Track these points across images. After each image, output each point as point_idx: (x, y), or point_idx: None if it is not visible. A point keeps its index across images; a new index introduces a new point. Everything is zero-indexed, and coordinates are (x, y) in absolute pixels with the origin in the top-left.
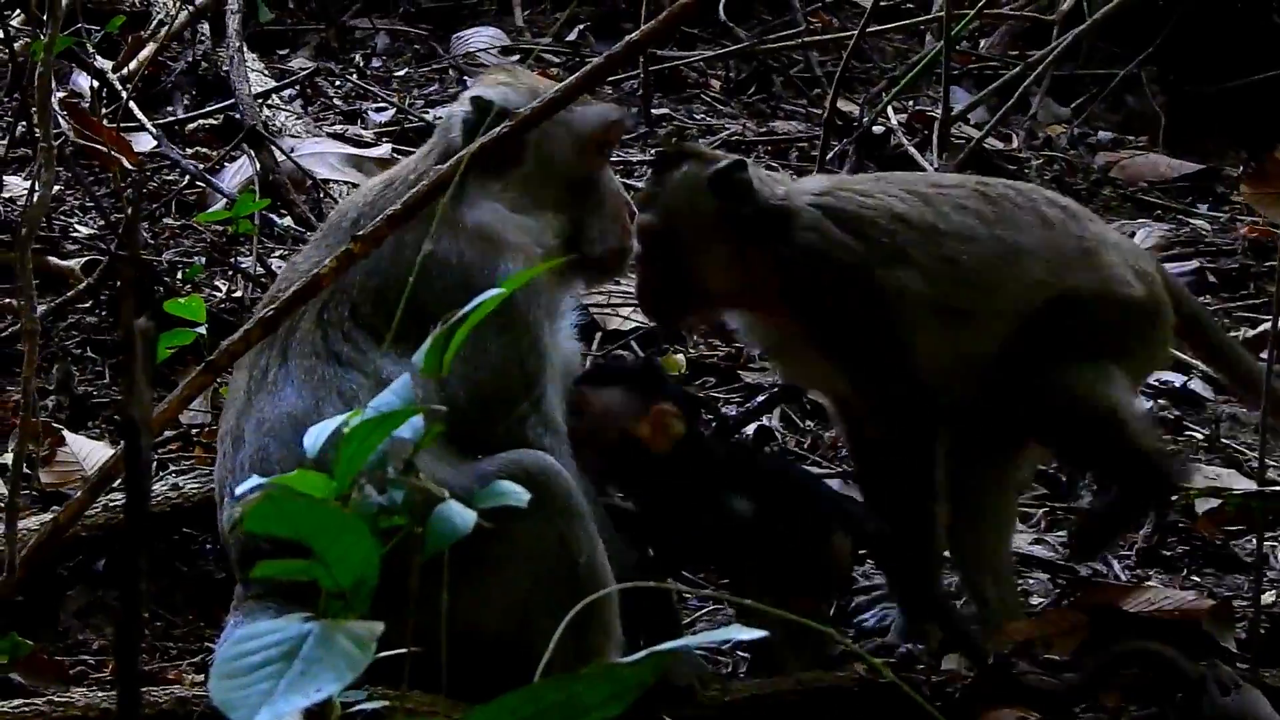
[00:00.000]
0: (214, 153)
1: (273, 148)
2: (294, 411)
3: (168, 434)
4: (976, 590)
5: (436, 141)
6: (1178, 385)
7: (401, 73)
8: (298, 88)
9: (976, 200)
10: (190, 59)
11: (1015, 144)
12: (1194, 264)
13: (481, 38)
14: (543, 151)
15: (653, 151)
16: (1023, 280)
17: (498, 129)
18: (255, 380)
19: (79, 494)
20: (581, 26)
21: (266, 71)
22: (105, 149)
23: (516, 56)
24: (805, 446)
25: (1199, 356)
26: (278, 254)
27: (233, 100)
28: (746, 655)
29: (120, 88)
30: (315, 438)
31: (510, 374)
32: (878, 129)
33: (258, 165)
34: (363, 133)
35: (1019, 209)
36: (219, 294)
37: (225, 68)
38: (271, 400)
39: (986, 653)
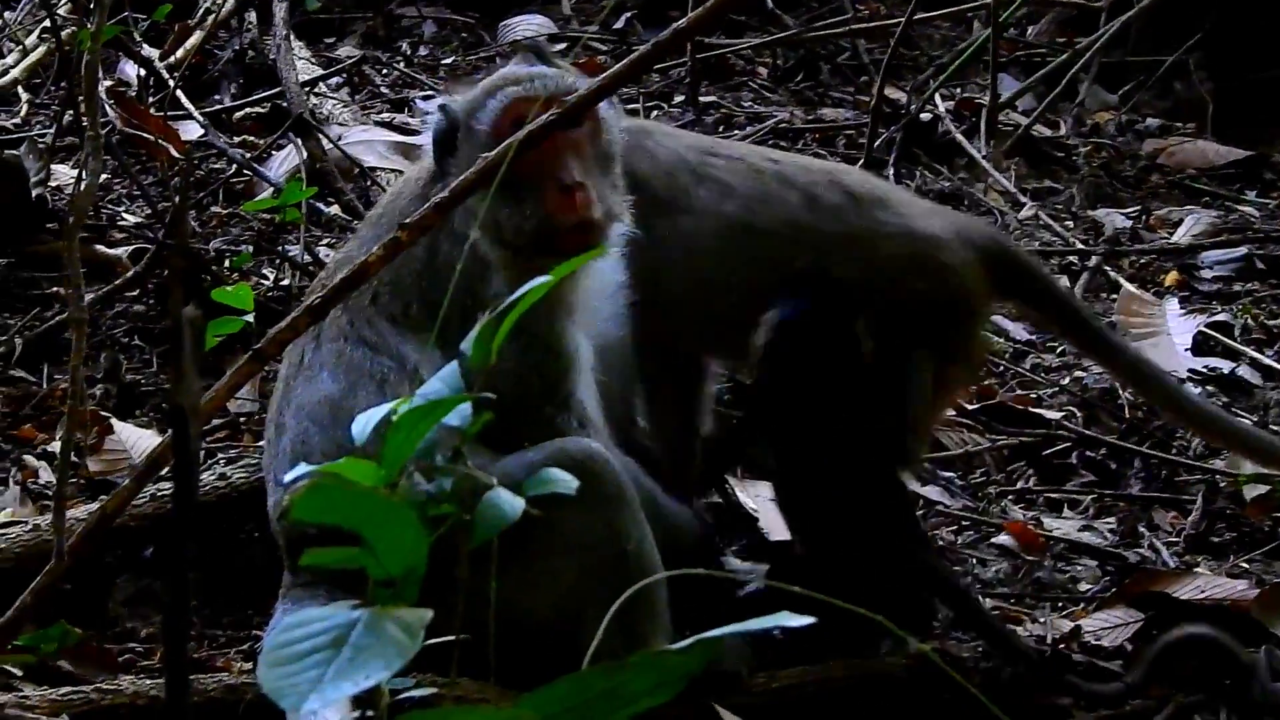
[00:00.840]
0: (261, 141)
1: (320, 136)
2: (330, 396)
3: (216, 422)
4: None
5: None
6: (1226, 371)
7: (449, 60)
8: (345, 76)
9: (740, 175)
10: (237, 47)
11: (1063, 131)
12: (1243, 250)
13: (529, 25)
14: (468, 157)
15: None
16: (749, 257)
17: (545, 116)
18: (293, 367)
19: (126, 482)
20: (629, 14)
21: (313, 59)
22: (152, 138)
23: (563, 44)
24: None
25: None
26: (325, 242)
27: (280, 88)
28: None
29: (167, 76)
30: (364, 426)
31: (529, 382)
32: (925, 116)
33: (305, 153)
34: (410, 121)
35: (789, 187)
36: (266, 282)
37: (272, 56)
38: (309, 386)
39: (1028, 651)
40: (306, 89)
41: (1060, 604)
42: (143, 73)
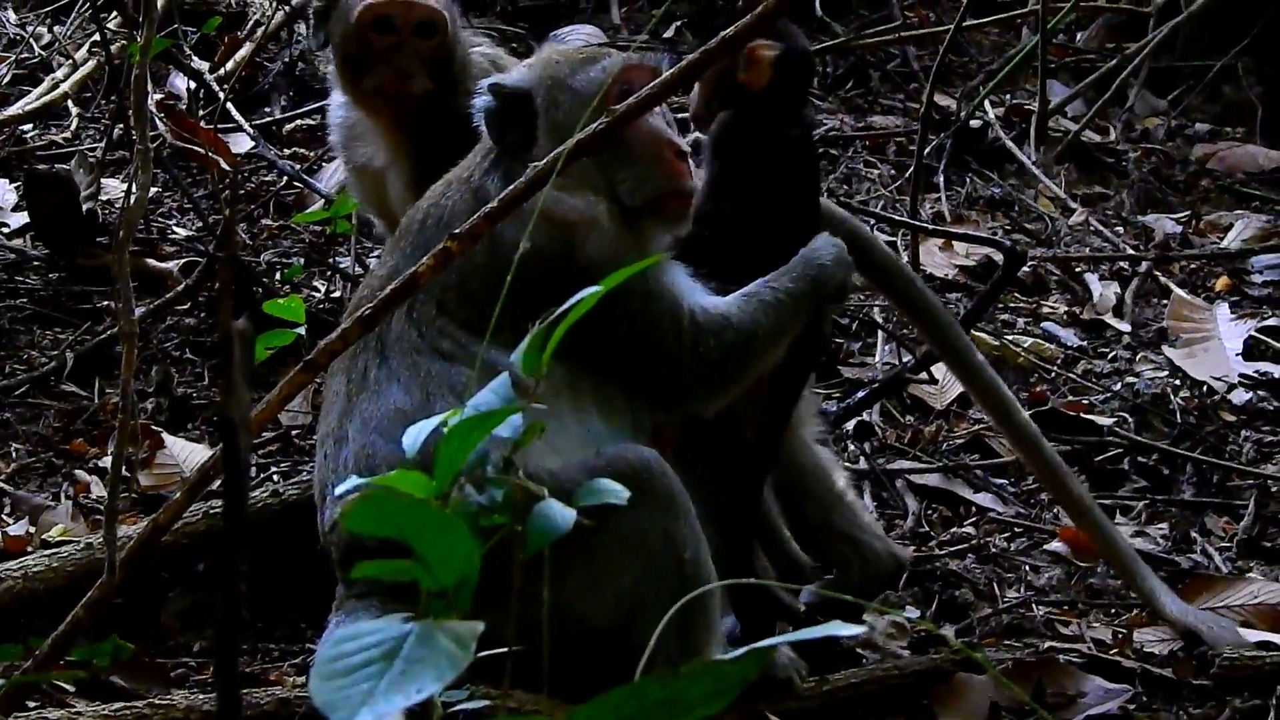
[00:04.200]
0: (311, 153)
1: None
2: (404, 408)
3: (267, 435)
4: None
5: (484, 139)
6: (1277, 376)
7: None
8: None
9: None
10: (287, 59)
11: (1113, 136)
12: None
13: (579, 35)
14: (554, 124)
15: None
16: None
17: (597, 123)
18: (355, 382)
19: (178, 495)
20: (678, 23)
21: None
22: (203, 150)
23: None
24: (905, 441)
25: None
26: (375, 254)
27: (329, 100)
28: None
29: (217, 89)
30: (415, 437)
31: (646, 330)
32: (975, 123)
33: None
34: None
35: None
36: (318, 294)
37: (322, 68)
38: (375, 399)
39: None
40: None
41: (1113, 610)
42: (193, 85)
